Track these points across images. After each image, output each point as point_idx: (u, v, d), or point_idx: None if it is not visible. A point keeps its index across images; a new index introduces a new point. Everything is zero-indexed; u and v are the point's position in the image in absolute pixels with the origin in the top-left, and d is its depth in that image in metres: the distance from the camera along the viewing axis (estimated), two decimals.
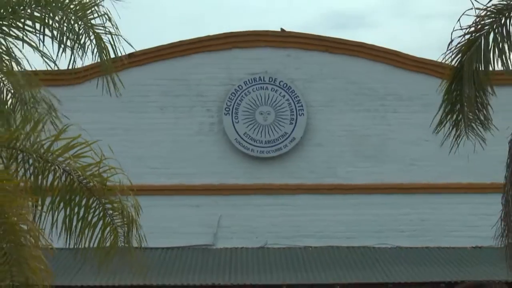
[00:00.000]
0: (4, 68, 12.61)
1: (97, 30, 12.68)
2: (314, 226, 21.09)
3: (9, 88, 12.85)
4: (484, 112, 14.77)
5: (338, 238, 20.95)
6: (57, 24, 12.56)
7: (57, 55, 12.58)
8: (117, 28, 12.65)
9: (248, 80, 21.77)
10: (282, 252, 20.68)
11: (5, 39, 12.54)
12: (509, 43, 14.59)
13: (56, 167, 12.25)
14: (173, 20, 48.27)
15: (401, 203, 21.11)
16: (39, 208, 11.52)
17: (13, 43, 12.54)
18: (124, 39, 12.72)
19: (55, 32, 12.59)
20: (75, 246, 11.99)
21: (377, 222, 21.00)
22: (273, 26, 24.41)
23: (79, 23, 12.63)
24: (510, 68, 14.76)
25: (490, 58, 14.45)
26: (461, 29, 14.48)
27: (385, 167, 21.21)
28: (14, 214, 11.13)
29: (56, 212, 12.07)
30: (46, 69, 13.11)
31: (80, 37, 12.63)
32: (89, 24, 12.66)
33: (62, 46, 12.55)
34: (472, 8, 14.46)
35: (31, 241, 11.14)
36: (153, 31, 25.68)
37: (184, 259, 19.95)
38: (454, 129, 14.93)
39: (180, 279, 18.61)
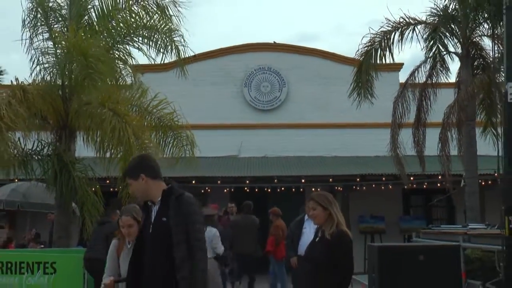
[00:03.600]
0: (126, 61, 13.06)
1: (176, 44, 13.06)
2: (291, 146, 21.18)
3: (129, 73, 13.14)
4: (371, 88, 15.34)
5: (304, 151, 21.06)
6: (154, 38, 13.00)
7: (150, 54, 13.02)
8: (185, 41, 13.09)
9: (256, 68, 21.97)
10: (274, 159, 20.78)
11: (128, 47, 13.01)
12: (388, 51, 15.10)
13: (152, 114, 12.89)
14: (210, 36, 48.55)
15: (336, 133, 21.18)
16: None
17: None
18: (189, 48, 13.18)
19: (151, 43, 12.89)
20: (161, 156, 12.67)
21: (324, 143, 21.05)
22: (269, 39, 24.37)
23: (165, 37, 12.99)
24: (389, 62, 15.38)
25: (377, 58, 14.98)
26: (362, 44, 15.12)
27: (329, 114, 21.34)
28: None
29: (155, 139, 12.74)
30: (149, 63, 13.67)
31: (167, 45, 13.02)
32: (172, 37, 13.04)
33: (157, 50, 13.03)
34: (369, 33, 15.01)
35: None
36: (200, 41, 25.91)
37: (222, 163, 20.14)
38: (358, 96, 15.50)
39: (221, 173, 18.83)
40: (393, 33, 14.92)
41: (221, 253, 11.32)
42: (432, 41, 15.60)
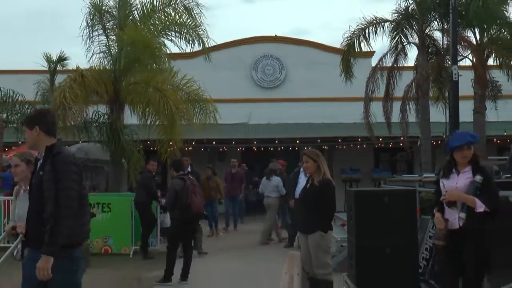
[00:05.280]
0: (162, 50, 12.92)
1: (201, 36, 12.96)
2: (289, 115, 20.85)
3: (165, 60, 13.12)
4: (351, 70, 15.31)
5: (298, 119, 20.73)
6: (183, 32, 12.89)
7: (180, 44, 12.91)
8: (207, 33, 12.96)
9: (262, 56, 21.71)
10: (276, 126, 20.59)
11: (163, 39, 12.92)
12: (364, 43, 15.08)
13: (182, 91, 12.87)
14: (225, 31, 48.10)
15: (324, 105, 20.76)
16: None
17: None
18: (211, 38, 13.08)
19: (181, 36, 12.83)
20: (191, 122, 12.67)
21: (314, 113, 20.77)
22: (271, 33, 24.09)
23: (191, 31, 12.89)
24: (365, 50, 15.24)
25: (356, 47, 14.91)
26: (344, 38, 15.03)
27: (318, 91, 20.85)
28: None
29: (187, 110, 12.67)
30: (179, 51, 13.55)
31: (193, 37, 12.93)
32: (197, 32, 12.95)
33: (186, 42, 12.93)
34: (349, 30, 14.94)
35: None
36: (218, 35, 25.52)
37: (235, 128, 19.88)
38: (345, 76, 15.50)
39: (235, 135, 18.79)
40: (367, 29, 14.95)
41: (283, 193, 12.12)
42: (396, 34, 15.61)
